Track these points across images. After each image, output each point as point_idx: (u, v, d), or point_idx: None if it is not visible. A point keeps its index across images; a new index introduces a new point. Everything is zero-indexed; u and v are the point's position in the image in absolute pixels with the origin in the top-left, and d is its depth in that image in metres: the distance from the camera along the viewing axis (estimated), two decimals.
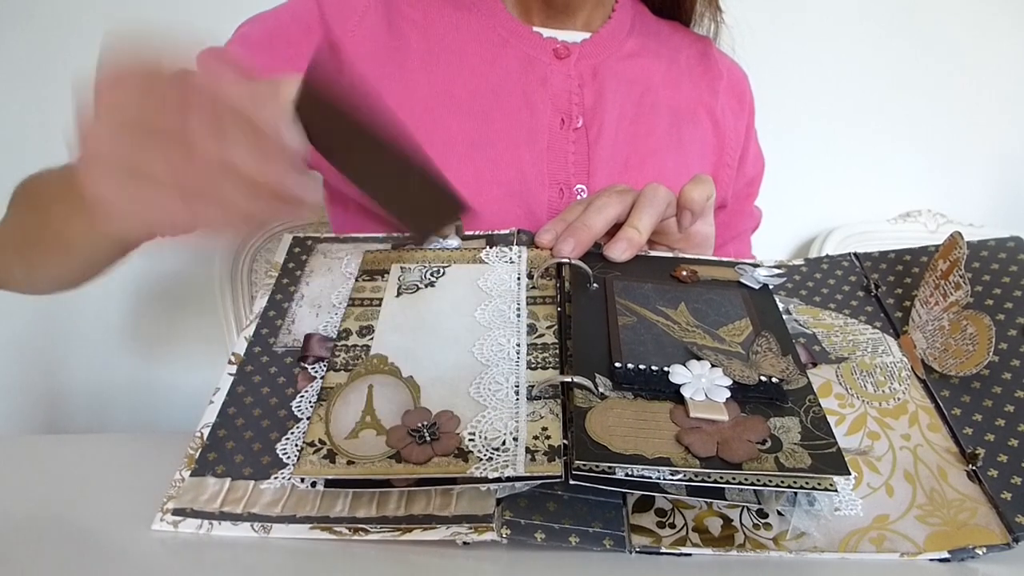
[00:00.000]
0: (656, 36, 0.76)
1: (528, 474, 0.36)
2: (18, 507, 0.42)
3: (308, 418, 0.42)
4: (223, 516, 0.38)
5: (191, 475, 0.41)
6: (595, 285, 0.49)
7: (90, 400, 1.21)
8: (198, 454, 0.42)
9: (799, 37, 1.23)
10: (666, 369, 0.42)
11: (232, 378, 0.46)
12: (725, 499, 0.39)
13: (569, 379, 0.41)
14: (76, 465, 0.48)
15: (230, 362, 0.47)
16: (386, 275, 0.50)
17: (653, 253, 0.55)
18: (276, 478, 0.40)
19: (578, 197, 0.66)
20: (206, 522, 0.38)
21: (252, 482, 0.40)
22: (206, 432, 0.43)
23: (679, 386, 0.40)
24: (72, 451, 0.51)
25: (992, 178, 1.33)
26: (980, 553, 0.37)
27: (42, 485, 0.45)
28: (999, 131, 1.31)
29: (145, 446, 0.51)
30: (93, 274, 0.57)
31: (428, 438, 0.38)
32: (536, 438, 0.38)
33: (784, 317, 0.48)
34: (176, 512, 0.39)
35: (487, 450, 0.37)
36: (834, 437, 0.38)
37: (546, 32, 0.70)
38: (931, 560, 0.37)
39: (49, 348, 1.17)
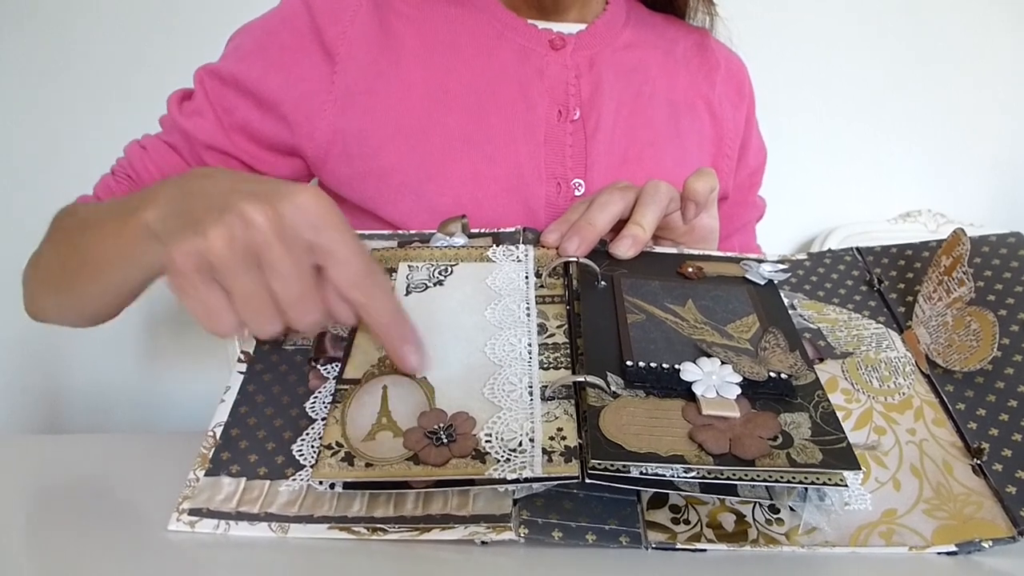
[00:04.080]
0: (652, 28, 0.76)
1: (546, 475, 0.37)
2: (18, 507, 0.42)
3: (323, 419, 0.42)
4: (240, 516, 0.39)
5: (205, 475, 0.41)
6: (603, 283, 0.49)
7: (90, 400, 1.21)
8: (212, 453, 0.42)
9: (799, 36, 1.23)
10: (677, 367, 0.42)
11: (242, 376, 0.46)
12: (738, 495, 0.39)
13: (582, 379, 0.41)
14: (76, 465, 0.48)
15: (240, 360, 0.47)
16: (394, 273, 0.50)
17: (658, 249, 0.55)
18: (294, 480, 0.40)
19: (576, 192, 0.66)
20: (223, 522, 0.38)
21: (268, 482, 0.40)
22: (219, 431, 0.43)
23: (690, 383, 0.41)
24: (72, 451, 0.51)
25: (992, 178, 1.34)
26: (986, 546, 0.38)
27: (42, 485, 0.45)
28: (999, 131, 1.32)
29: (146, 447, 0.51)
30: (118, 302, 0.55)
31: (445, 439, 0.38)
32: (552, 439, 0.39)
33: (789, 312, 0.49)
34: (192, 512, 0.39)
35: (504, 451, 0.38)
36: (844, 432, 0.39)
37: (541, 24, 0.70)
38: (939, 553, 0.38)
39: (49, 348, 1.17)
